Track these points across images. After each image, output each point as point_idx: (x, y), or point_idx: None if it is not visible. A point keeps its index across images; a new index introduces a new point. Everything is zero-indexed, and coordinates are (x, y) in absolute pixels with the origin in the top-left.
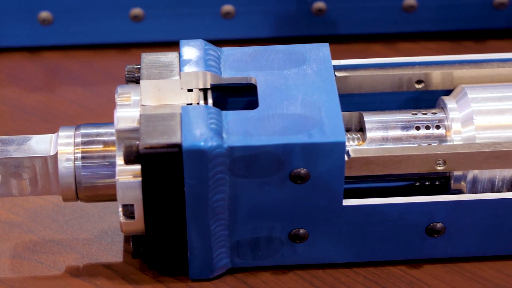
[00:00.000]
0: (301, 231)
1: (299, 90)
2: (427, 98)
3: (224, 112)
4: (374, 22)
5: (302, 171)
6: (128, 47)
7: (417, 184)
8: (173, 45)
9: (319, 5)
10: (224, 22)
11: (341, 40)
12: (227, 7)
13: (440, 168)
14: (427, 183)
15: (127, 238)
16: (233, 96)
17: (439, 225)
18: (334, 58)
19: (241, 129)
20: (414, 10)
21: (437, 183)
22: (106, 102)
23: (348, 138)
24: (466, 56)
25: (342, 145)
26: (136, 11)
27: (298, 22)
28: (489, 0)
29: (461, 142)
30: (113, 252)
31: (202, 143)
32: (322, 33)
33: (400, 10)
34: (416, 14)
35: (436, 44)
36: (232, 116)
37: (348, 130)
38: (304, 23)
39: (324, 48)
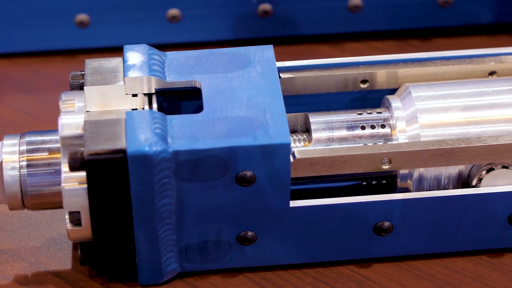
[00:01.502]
0: (249, 233)
1: (243, 93)
2: (373, 98)
3: (169, 116)
4: (320, 22)
5: (248, 174)
6: (74, 53)
7: (364, 183)
8: (120, 50)
9: (265, 7)
10: (170, 26)
11: (288, 42)
12: (173, 11)
13: (385, 167)
14: (373, 182)
15: (76, 245)
16: (178, 100)
17: (386, 224)
18: (281, 59)
19: (186, 133)
20: (359, 10)
21: (384, 182)
22: (52, 109)
23: (294, 140)
24: (410, 55)
25: (287, 146)
26: (82, 17)
27: (244, 25)
28: None
29: (406, 141)
30: (62, 259)
31: (146, 148)
32: (269, 35)
33: (346, 10)
34: (362, 14)
35: (382, 43)
36: (177, 120)
37: (294, 131)
38: (250, 26)
39: (268, 50)
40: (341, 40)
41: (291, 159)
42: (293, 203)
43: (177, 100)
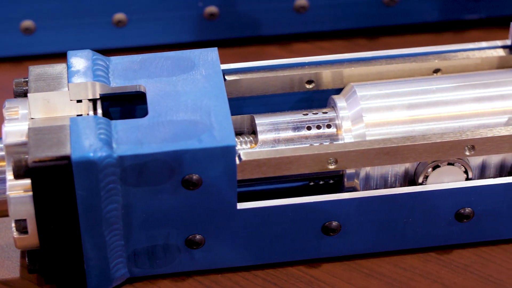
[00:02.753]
0: (197, 237)
1: (188, 96)
2: (319, 98)
3: (113, 121)
4: (267, 24)
5: (194, 177)
6: (21, 60)
7: (311, 184)
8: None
9: (211, 9)
10: (117, 30)
11: (236, 44)
12: (119, 16)
13: (331, 167)
14: (321, 183)
15: (24, 253)
16: (123, 105)
17: (334, 223)
18: (229, 61)
19: (131, 137)
20: (305, 11)
21: (331, 182)
22: None
23: (241, 142)
24: (355, 54)
25: (232, 149)
26: (27, 23)
27: (191, 28)
28: None
29: (352, 140)
30: (10, 268)
31: (91, 154)
32: (216, 38)
33: (292, 11)
34: (308, 15)
35: (329, 43)
36: (121, 125)
37: (240, 133)
38: (197, 28)
39: (212, 53)
40: (288, 41)
41: (237, 161)
42: (241, 205)
43: (123, 105)
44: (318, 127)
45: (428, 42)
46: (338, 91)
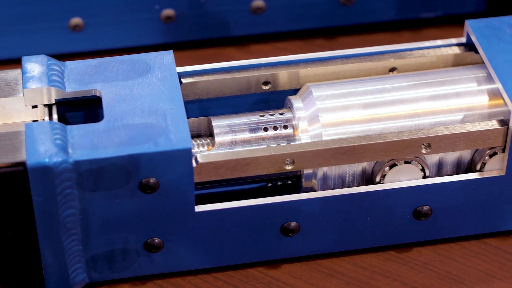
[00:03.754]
0: (156, 240)
1: (144, 100)
2: (276, 99)
3: (69, 126)
4: (225, 26)
5: (151, 181)
6: None
7: (269, 185)
8: None
9: (168, 12)
10: (73, 35)
11: (194, 46)
12: (76, 20)
13: (289, 167)
14: (279, 183)
15: None
16: (79, 110)
17: (293, 224)
18: (187, 64)
19: (87, 142)
20: (262, 12)
21: (289, 182)
22: None
23: (198, 144)
24: (311, 55)
25: (188, 151)
26: None
27: (148, 31)
28: None
29: (309, 140)
30: None
31: (47, 160)
32: (174, 40)
33: (249, 12)
34: (265, 15)
35: (287, 44)
36: (77, 130)
37: (197, 136)
38: (154, 31)
39: (168, 56)
40: (246, 43)
41: (194, 164)
42: (199, 208)
43: (80, 109)
44: (275, 128)
45: (386, 41)
46: (295, 91)
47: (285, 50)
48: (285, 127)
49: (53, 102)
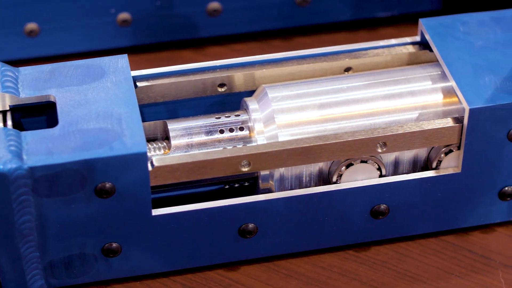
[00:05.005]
0: (113, 245)
1: (99, 104)
2: (232, 101)
3: (23, 132)
4: (181, 28)
5: (107, 185)
6: None
7: (227, 187)
8: None
9: (124, 16)
10: (29, 40)
11: (151, 49)
12: (31, 25)
13: (245, 169)
14: (236, 185)
15: None
16: (34, 115)
17: (251, 225)
18: (145, 67)
19: (42, 148)
20: (219, 14)
21: (246, 184)
22: None
23: (154, 148)
24: (266, 56)
25: (143, 155)
26: None
27: (104, 35)
28: None
29: (265, 142)
30: None
31: (1, 167)
32: (130, 44)
33: (205, 14)
34: (222, 17)
35: (244, 46)
36: (31, 136)
37: (154, 139)
38: (110, 35)
39: (122, 60)
40: (203, 45)
41: (150, 167)
42: (156, 212)
43: (35, 115)
44: (231, 130)
45: (343, 41)
46: (251, 93)
47: (242, 51)
48: (241, 129)
49: (7, 108)
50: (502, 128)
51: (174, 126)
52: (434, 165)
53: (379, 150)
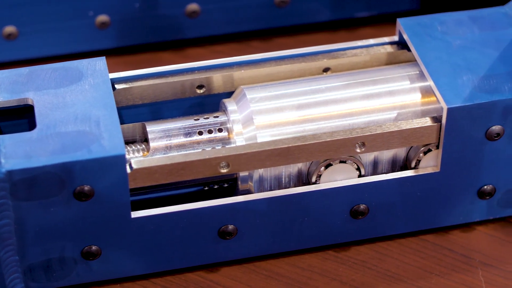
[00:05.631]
0: (93, 247)
1: (77, 107)
2: (211, 102)
3: (1, 136)
4: (160, 30)
5: (86, 188)
6: None
7: (206, 188)
8: None
9: (103, 18)
10: (7, 43)
11: (130, 51)
12: (9, 29)
13: (224, 171)
14: (215, 187)
15: None
16: (12, 119)
17: (230, 227)
18: (124, 70)
19: (20, 151)
20: (197, 15)
21: (226, 185)
22: None
23: (133, 150)
24: (245, 57)
25: (122, 158)
26: None
27: (83, 37)
28: None
29: (244, 143)
30: None
31: None
32: (109, 46)
33: (184, 16)
34: (201, 19)
35: (224, 47)
36: (9, 140)
37: (132, 141)
38: (89, 38)
39: (100, 62)
40: (182, 47)
41: (128, 170)
42: (135, 214)
43: (13, 119)
44: (210, 132)
45: (322, 41)
46: (230, 94)
47: (222, 53)
48: (220, 130)
49: None
50: (480, 127)
51: (152, 128)
52: (413, 164)
53: (358, 150)
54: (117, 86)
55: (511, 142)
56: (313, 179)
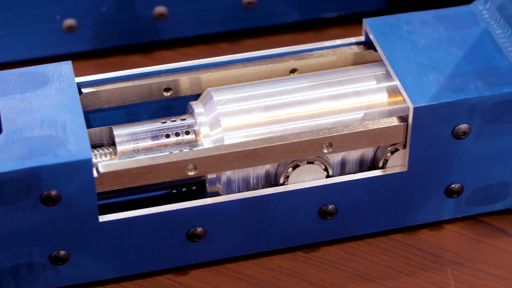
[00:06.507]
0: (61, 252)
1: (43, 112)
2: (179, 105)
3: None
4: (128, 33)
5: (53, 193)
6: None
7: (174, 191)
8: None
9: (70, 22)
10: None
11: (99, 55)
12: None
13: (191, 173)
14: (184, 190)
15: None
16: None
17: (199, 229)
18: (93, 73)
19: None
20: (165, 18)
21: (194, 188)
22: None
23: (100, 154)
24: (212, 59)
25: (88, 162)
26: None
27: (50, 42)
28: (238, 1)
29: (211, 145)
30: None
31: None
32: (77, 50)
33: (152, 19)
34: (169, 22)
35: (192, 49)
36: None
37: (100, 145)
38: (56, 42)
39: (66, 66)
40: (151, 50)
41: (95, 174)
42: (103, 218)
43: None
44: (177, 135)
45: (290, 42)
46: (197, 97)
47: (190, 55)
48: (187, 133)
49: None
50: (447, 126)
51: (119, 132)
52: (380, 164)
53: (325, 151)
54: (84, 90)
55: (478, 140)
56: (281, 180)
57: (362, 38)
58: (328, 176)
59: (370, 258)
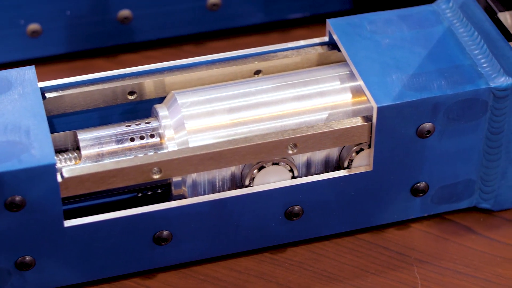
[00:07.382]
0: (27, 258)
1: (6, 117)
2: (144, 108)
3: None
4: (92, 37)
5: (17, 198)
6: None
7: (140, 195)
8: None
9: (34, 26)
10: None
11: (63, 59)
12: None
13: (156, 176)
14: (149, 193)
15: None
16: None
17: (165, 232)
18: (56, 78)
19: None
20: (129, 21)
21: (160, 191)
22: None
23: (65, 159)
24: (175, 62)
25: (52, 167)
26: None
27: (14, 46)
28: (203, 3)
29: (176, 148)
30: None
31: None
32: (41, 55)
33: (116, 22)
34: (133, 24)
35: (157, 52)
36: None
37: (65, 150)
38: (20, 47)
39: (30, 71)
40: (115, 53)
41: (59, 179)
42: (68, 223)
43: None
44: (142, 138)
45: (255, 44)
46: (162, 100)
47: (155, 58)
48: (152, 136)
49: None
50: (411, 125)
51: (84, 136)
52: (345, 164)
53: (290, 152)
54: (47, 95)
55: (442, 139)
56: (247, 182)
57: (326, 39)
58: (293, 177)
59: (337, 258)
